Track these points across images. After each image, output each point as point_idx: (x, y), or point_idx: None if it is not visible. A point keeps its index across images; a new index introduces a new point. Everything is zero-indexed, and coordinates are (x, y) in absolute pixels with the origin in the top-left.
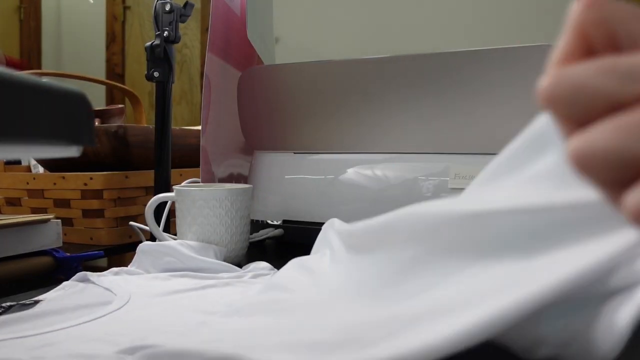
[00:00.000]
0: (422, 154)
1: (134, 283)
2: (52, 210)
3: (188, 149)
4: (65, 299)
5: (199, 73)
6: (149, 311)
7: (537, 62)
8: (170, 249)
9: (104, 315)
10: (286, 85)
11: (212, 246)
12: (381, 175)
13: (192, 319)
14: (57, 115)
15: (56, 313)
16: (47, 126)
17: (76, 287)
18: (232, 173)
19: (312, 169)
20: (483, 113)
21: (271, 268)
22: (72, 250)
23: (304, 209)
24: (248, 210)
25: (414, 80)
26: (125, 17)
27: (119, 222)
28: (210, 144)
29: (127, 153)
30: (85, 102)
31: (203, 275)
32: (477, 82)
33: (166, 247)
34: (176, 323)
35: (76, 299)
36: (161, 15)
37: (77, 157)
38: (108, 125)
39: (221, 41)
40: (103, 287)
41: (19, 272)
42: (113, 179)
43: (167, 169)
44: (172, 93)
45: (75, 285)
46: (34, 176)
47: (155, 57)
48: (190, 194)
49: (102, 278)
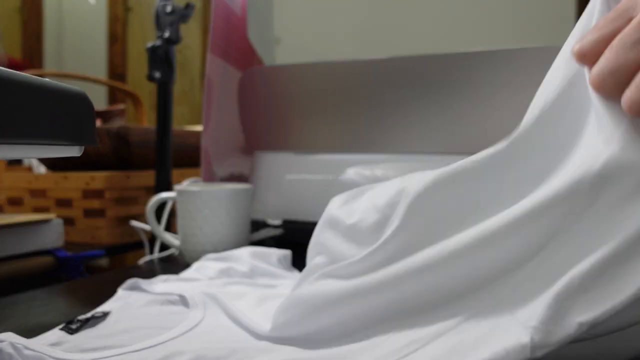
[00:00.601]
0: (422, 154)
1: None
2: (53, 209)
3: (189, 149)
4: (137, 309)
5: (199, 73)
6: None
7: (538, 64)
8: (232, 256)
9: (195, 325)
10: (286, 85)
11: (275, 251)
12: (381, 175)
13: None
14: (59, 116)
15: (136, 327)
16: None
17: (136, 296)
18: (232, 173)
19: (313, 169)
20: (483, 113)
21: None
22: (73, 249)
23: (304, 209)
24: (248, 210)
25: (414, 80)
26: (126, 17)
27: (120, 221)
28: (211, 144)
29: (129, 153)
30: (87, 102)
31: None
32: (477, 84)
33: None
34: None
35: (149, 310)
36: (162, 16)
37: (78, 157)
38: (109, 126)
39: (222, 42)
40: (168, 294)
41: (20, 271)
42: (114, 178)
43: (168, 169)
44: (173, 93)
45: (130, 295)
46: (35, 176)
47: (156, 57)
48: (191, 193)
49: (160, 284)
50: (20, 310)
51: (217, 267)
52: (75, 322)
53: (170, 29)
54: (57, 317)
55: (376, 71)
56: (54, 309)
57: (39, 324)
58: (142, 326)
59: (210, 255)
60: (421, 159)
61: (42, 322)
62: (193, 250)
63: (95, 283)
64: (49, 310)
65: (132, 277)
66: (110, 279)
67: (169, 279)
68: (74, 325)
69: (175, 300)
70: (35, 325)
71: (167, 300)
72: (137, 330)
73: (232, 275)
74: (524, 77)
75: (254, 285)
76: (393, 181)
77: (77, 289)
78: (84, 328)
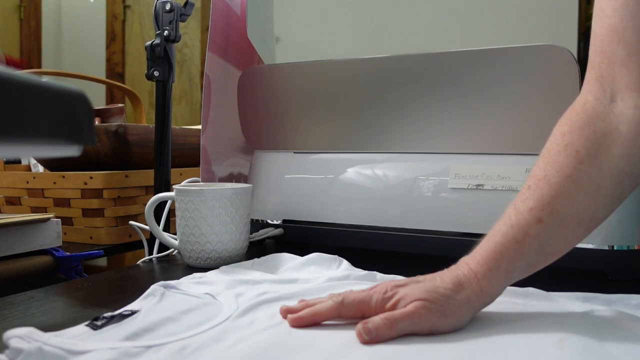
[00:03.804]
0: (422, 153)
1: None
2: (52, 209)
3: (188, 148)
4: (167, 308)
5: (199, 72)
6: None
7: (537, 62)
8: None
9: (222, 321)
10: (286, 84)
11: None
12: (381, 175)
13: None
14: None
15: (167, 321)
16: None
17: (166, 294)
18: (232, 172)
19: (312, 169)
20: (483, 113)
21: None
22: (72, 249)
23: (304, 208)
24: (248, 210)
25: (414, 80)
26: (125, 16)
27: (118, 221)
28: (210, 143)
29: (127, 152)
30: (86, 101)
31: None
32: (477, 82)
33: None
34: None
35: (177, 307)
36: (161, 15)
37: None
38: (108, 125)
39: (221, 40)
40: (194, 295)
41: (19, 271)
42: (113, 178)
43: (167, 168)
44: (172, 92)
45: (161, 292)
46: (34, 175)
47: (155, 56)
48: (190, 193)
49: (190, 285)
50: (18, 310)
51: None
52: (100, 318)
53: (170, 28)
54: (56, 317)
55: (376, 70)
56: (53, 309)
57: (37, 324)
58: (173, 323)
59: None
60: (421, 159)
61: (41, 322)
62: (192, 250)
63: (94, 283)
64: (47, 311)
65: (131, 278)
66: (109, 279)
67: (197, 279)
68: (100, 321)
69: (205, 300)
70: (34, 326)
71: (197, 299)
72: (166, 326)
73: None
74: (525, 76)
75: (279, 282)
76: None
77: (75, 289)
78: (109, 324)
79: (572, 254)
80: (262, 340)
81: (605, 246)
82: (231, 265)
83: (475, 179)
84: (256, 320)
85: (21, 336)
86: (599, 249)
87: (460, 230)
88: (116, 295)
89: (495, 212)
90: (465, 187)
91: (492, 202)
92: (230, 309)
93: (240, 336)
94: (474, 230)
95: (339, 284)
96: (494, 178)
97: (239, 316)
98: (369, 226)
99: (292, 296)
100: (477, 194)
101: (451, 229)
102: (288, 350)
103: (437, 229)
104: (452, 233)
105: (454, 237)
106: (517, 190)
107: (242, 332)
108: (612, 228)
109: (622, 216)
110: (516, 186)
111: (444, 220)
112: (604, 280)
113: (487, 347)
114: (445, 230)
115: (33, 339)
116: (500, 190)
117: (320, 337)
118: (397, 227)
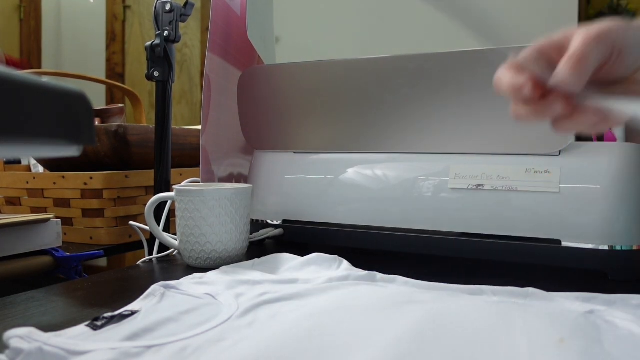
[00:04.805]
0: (422, 154)
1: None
2: (52, 209)
3: (188, 149)
4: (167, 308)
5: (199, 72)
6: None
7: None
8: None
9: (223, 321)
10: (286, 85)
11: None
12: (381, 175)
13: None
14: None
15: (169, 321)
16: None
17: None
18: (232, 173)
19: (312, 169)
20: (483, 113)
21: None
22: (72, 249)
23: (304, 208)
24: (248, 210)
25: (414, 80)
26: (125, 16)
27: (118, 221)
28: (210, 143)
29: (127, 152)
30: (86, 101)
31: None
32: (477, 82)
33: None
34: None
35: (177, 307)
36: (161, 15)
37: (77, 156)
38: (108, 125)
39: (221, 41)
40: (194, 295)
41: (19, 271)
42: (113, 178)
43: (167, 168)
44: (172, 92)
45: (163, 293)
46: (33, 175)
47: (155, 56)
48: (190, 193)
49: (190, 285)
50: (18, 310)
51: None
52: (100, 318)
53: (170, 28)
54: (56, 318)
55: (376, 70)
56: (53, 309)
57: (37, 324)
58: (173, 323)
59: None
60: (421, 159)
61: (41, 322)
62: (192, 250)
63: (94, 283)
64: (47, 311)
65: (131, 278)
66: (109, 279)
67: (197, 279)
68: (100, 322)
69: (205, 301)
70: (34, 326)
71: (197, 300)
72: (166, 327)
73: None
74: None
75: (280, 282)
76: None
77: (75, 289)
78: (109, 324)
79: (572, 254)
80: (263, 341)
81: (605, 246)
82: (231, 266)
83: (475, 179)
84: (256, 321)
85: (21, 336)
86: (599, 249)
87: (460, 230)
88: (116, 296)
89: (496, 212)
90: (465, 187)
91: (492, 202)
92: (231, 309)
93: (241, 337)
94: (474, 231)
95: (339, 284)
96: (494, 178)
97: (239, 317)
98: (369, 226)
99: (293, 296)
100: (477, 194)
101: (451, 229)
102: (288, 350)
103: (437, 229)
104: (452, 233)
105: (454, 237)
106: (517, 190)
107: (243, 332)
108: (612, 228)
109: (622, 216)
110: (516, 186)
111: (444, 220)
112: (604, 280)
113: (487, 347)
114: (445, 230)
115: (33, 339)
116: (500, 190)
117: (321, 337)
118: (397, 227)
